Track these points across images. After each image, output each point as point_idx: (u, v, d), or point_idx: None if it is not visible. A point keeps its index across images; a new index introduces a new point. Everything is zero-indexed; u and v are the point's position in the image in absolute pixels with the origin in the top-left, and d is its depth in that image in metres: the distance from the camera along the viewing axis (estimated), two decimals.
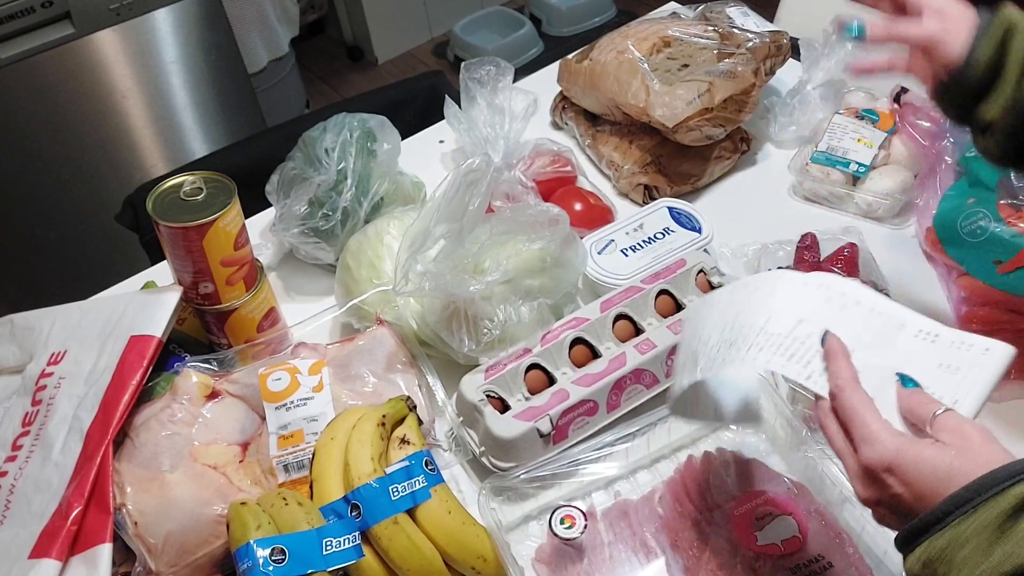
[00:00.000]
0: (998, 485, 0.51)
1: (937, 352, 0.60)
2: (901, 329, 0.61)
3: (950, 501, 0.52)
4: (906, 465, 0.54)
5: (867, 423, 0.56)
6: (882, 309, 0.62)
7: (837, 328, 0.61)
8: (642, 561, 0.82)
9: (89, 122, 1.92)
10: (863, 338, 0.60)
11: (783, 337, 0.61)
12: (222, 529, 0.80)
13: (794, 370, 0.59)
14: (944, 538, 0.51)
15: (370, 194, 1.10)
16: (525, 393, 0.91)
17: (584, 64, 1.27)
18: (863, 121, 1.20)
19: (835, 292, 0.63)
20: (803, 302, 0.63)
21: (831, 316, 0.61)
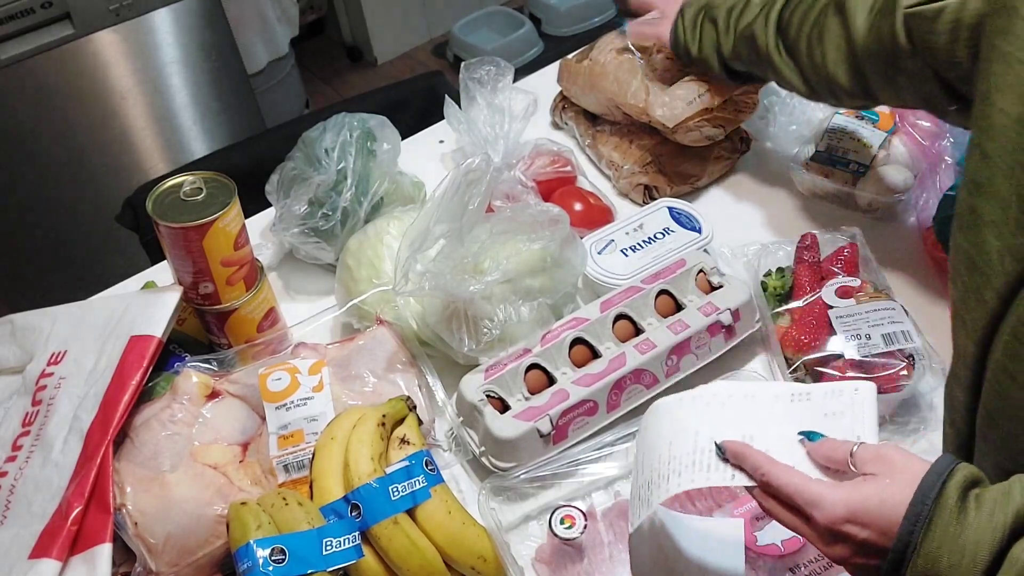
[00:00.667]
0: (933, 488, 0.53)
1: (817, 407, 0.64)
2: (777, 401, 0.65)
3: (906, 524, 0.53)
4: (858, 508, 0.55)
5: (806, 489, 0.58)
6: (753, 392, 0.67)
7: (726, 426, 0.64)
8: None
9: (89, 122, 1.92)
10: (752, 425, 0.64)
11: (691, 454, 0.64)
12: (222, 529, 0.80)
13: (717, 477, 0.62)
14: (921, 559, 0.53)
15: (370, 194, 1.10)
16: (525, 393, 0.91)
17: (584, 64, 1.27)
18: (863, 121, 1.20)
19: (708, 396, 0.67)
20: (690, 417, 0.66)
21: (716, 418, 0.65)
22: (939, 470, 0.55)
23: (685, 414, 0.67)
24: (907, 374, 0.89)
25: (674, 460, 0.65)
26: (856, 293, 0.96)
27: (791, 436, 0.63)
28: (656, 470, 0.66)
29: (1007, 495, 0.53)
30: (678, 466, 0.64)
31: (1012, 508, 0.52)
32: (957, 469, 0.55)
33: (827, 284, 0.98)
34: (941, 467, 0.55)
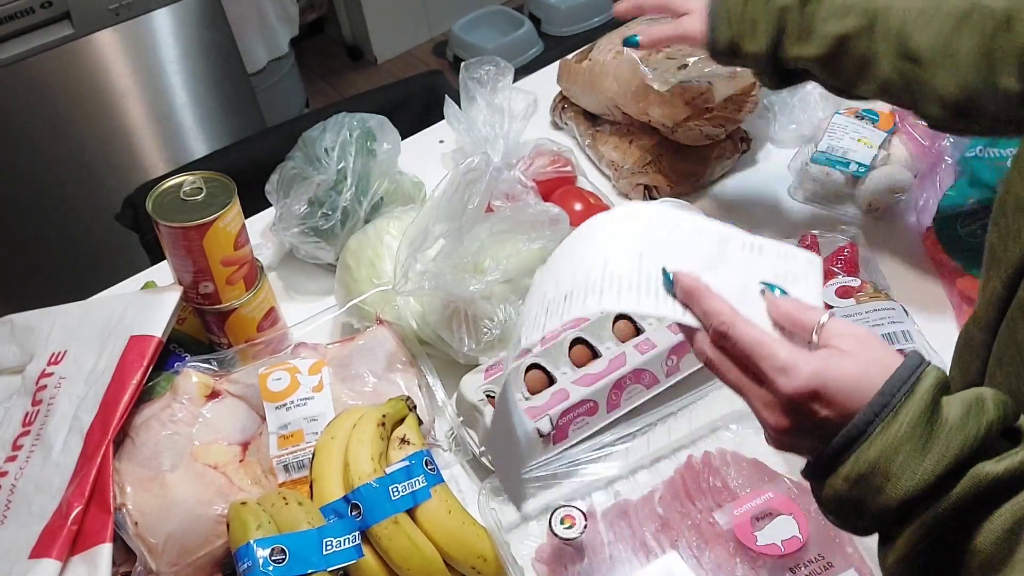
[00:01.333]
0: (906, 383, 0.50)
1: (768, 264, 0.59)
2: (727, 244, 0.59)
3: (869, 409, 0.50)
4: (830, 385, 0.51)
5: (776, 353, 0.53)
6: (701, 227, 0.60)
7: (674, 255, 0.58)
8: (642, 561, 0.82)
9: (89, 122, 1.92)
10: (700, 259, 0.58)
11: (635, 276, 0.57)
12: (222, 529, 0.80)
13: (666, 309, 0.56)
14: (874, 448, 0.50)
15: (370, 194, 1.10)
16: (525, 393, 0.91)
17: (584, 64, 1.27)
18: (863, 121, 1.20)
19: (653, 217, 0.61)
20: (631, 238, 0.60)
21: (662, 243, 0.59)
22: (912, 364, 0.51)
23: (625, 234, 0.60)
24: None
25: (613, 278, 0.57)
26: (856, 293, 0.96)
27: (742, 283, 0.57)
28: (583, 283, 0.58)
29: (980, 403, 0.50)
30: (617, 284, 0.57)
31: (985, 420, 0.49)
32: (929, 369, 0.51)
33: (827, 284, 0.98)
34: (913, 362, 0.51)
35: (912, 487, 0.49)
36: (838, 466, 0.51)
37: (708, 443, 0.91)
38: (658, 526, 0.84)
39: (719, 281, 0.57)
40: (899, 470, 0.49)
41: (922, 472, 0.49)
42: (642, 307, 0.56)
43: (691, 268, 0.57)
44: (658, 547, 0.82)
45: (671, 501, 0.85)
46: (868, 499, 0.51)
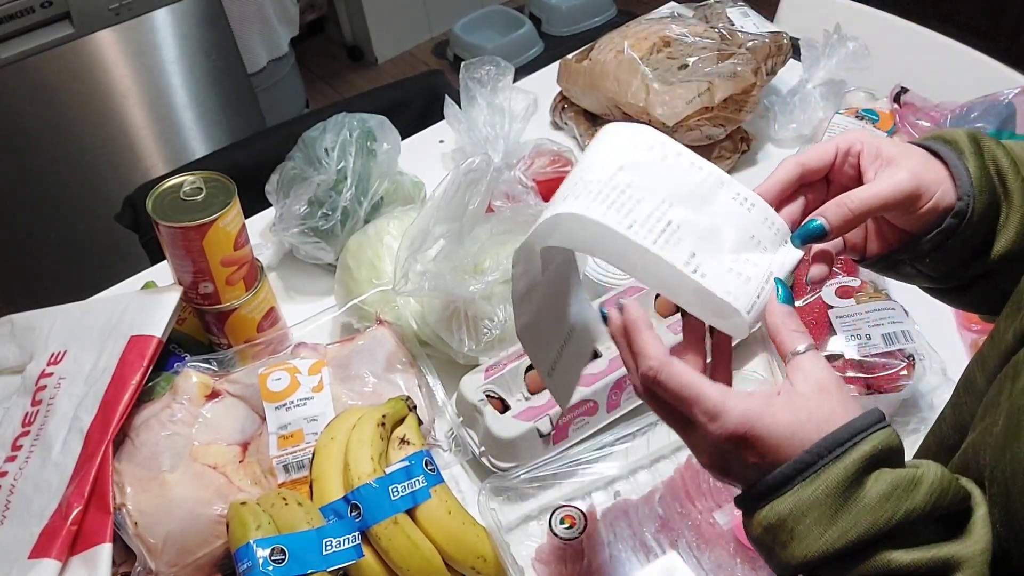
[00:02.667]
0: (839, 447, 0.48)
1: (751, 223, 0.56)
2: (721, 187, 0.56)
3: (793, 465, 0.48)
4: (759, 432, 0.49)
5: (705, 398, 0.50)
6: (702, 164, 0.57)
7: (659, 179, 0.55)
8: (642, 561, 0.82)
9: (89, 122, 1.92)
10: (682, 190, 0.55)
11: (601, 184, 0.54)
12: (222, 529, 0.80)
13: (613, 218, 0.53)
14: (786, 503, 0.48)
15: (370, 194, 1.10)
16: (525, 393, 0.91)
17: (584, 64, 1.27)
18: (863, 121, 1.20)
19: (655, 141, 0.57)
20: (622, 150, 0.56)
21: (653, 165, 0.55)
22: (855, 429, 0.48)
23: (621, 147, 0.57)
24: (907, 374, 0.89)
25: (580, 183, 0.55)
26: (856, 293, 0.96)
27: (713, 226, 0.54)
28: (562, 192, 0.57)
29: (912, 486, 0.47)
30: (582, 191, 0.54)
31: (907, 505, 0.46)
32: (873, 436, 0.48)
33: (827, 284, 0.98)
34: (858, 426, 0.48)
35: (811, 552, 0.48)
36: (755, 509, 0.50)
37: None
38: (658, 526, 0.84)
39: (689, 217, 0.54)
40: (804, 532, 0.48)
41: (823, 541, 0.47)
42: (589, 212, 0.53)
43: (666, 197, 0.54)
44: (658, 547, 0.82)
45: (671, 501, 0.85)
46: (775, 550, 0.50)
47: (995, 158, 0.58)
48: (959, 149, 0.58)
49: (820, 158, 0.58)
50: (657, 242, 0.52)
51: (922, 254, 0.59)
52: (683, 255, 0.53)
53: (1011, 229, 0.57)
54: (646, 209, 0.53)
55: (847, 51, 1.25)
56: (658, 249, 0.52)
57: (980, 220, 0.56)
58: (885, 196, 0.55)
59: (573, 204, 0.54)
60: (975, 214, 0.56)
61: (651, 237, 0.52)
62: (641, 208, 0.53)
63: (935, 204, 0.56)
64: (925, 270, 0.60)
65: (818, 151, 0.58)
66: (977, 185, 0.56)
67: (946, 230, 0.56)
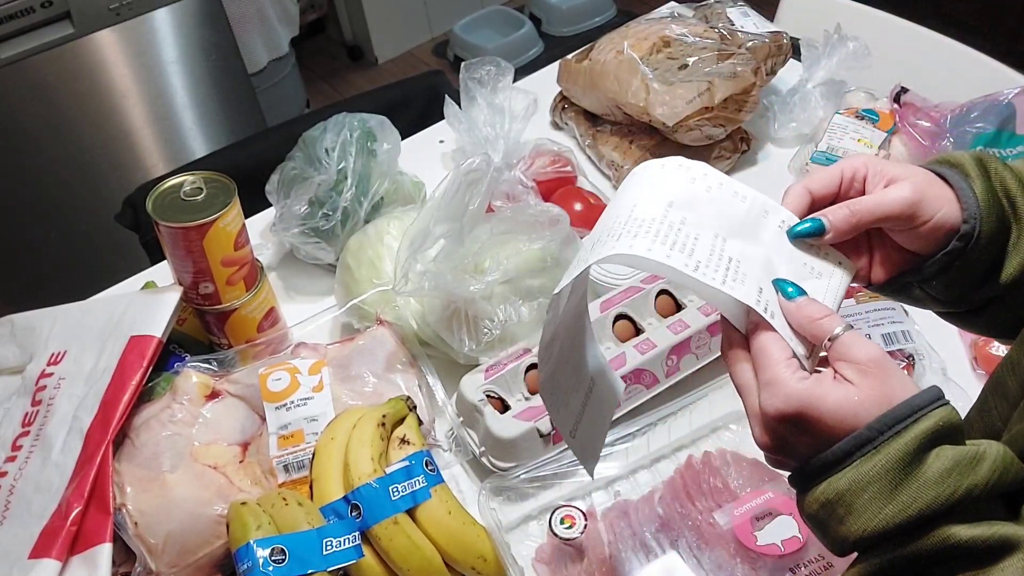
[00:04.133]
0: (900, 423, 0.47)
1: (801, 250, 0.56)
2: (766, 216, 0.56)
3: (852, 441, 0.48)
4: (809, 413, 0.49)
5: (772, 364, 0.51)
6: (745, 193, 0.57)
7: (706, 212, 0.55)
8: (642, 561, 0.82)
9: (89, 122, 1.92)
10: (732, 223, 0.55)
11: (656, 222, 0.53)
12: (222, 529, 0.80)
13: (679, 259, 0.52)
14: (845, 479, 0.48)
15: (370, 194, 1.10)
16: (525, 393, 0.91)
17: (584, 64, 1.27)
18: (863, 121, 1.20)
19: (697, 172, 0.57)
20: (668, 185, 0.56)
21: (699, 198, 0.55)
22: (915, 406, 0.48)
23: (664, 181, 0.57)
24: (907, 374, 0.89)
25: (632, 222, 0.54)
26: (856, 293, 0.96)
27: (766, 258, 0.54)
28: (609, 229, 0.55)
29: (974, 462, 0.47)
30: (635, 228, 0.53)
31: (969, 481, 0.46)
32: (934, 412, 0.48)
33: None
34: (918, 403, 0.48)
35: (870, 527, 0.48)
36: (812, 486, 0.50)
37: (708, 443, 0.91)
38: (658, 526, 0.84)
39: (744, 251, 0.54)
40: (862, 507, 0.48)
41: (882, 516, 0.47)
42: (652, 253, 0.52)
43: (716, 232, 0.54)
44: (658, 547, 0.82)
45: (671, 501, 0.85)
46: (831, 526, 0.50)
47: (1003, 180, 0.58)
48: (965, 172, 0.58)
49: (827, 183, 0.58)
50: (726, 282, 0.52)
51: (929, 276, 0.59)
52: (752, 293, 0.53)
53: (1021, 251, 0.57)
54: (705, 246, 0.53)
55: (847, 51, 1.25)
56: (728, 289, 0.52)
57: (989, 242, 0.56)
58: (887, 205, 0.55)
59: (633, 244, 0.53)
60: (983, 236, 0.56)
61: (719, 277, 0.52)
62: (701, 246, 0.53)
63: (939, 223, 0.56)
64: (935, 293, 0.60)
65: (824, 176, 0.58)
66: (984, 207, 0.56)
67: (952, 252, 0.56)
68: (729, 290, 0.52)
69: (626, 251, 0.52)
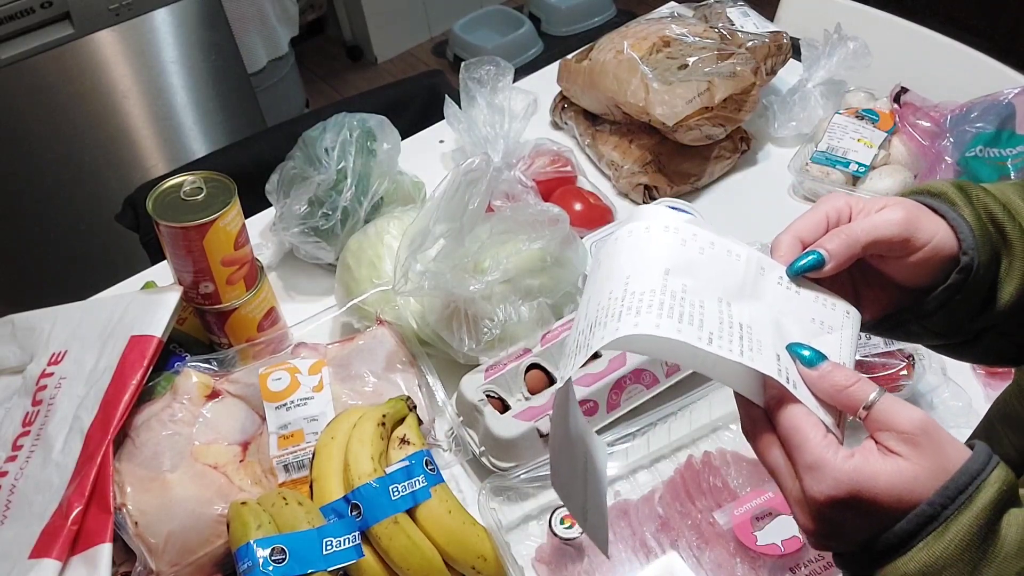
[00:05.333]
0: (962, 493, 0.44)
1: (806, 306, 0.52)
2: (763, 274, 0.53)
3: (915, 520, 0.44)
4: (863, 494, 0.45)
5: (806, 447, 0.47)
6: (738, 251, 0.53)
7: (705, 276, 0.51)
8: (642, 561, 0.82)
9: (89, 122, 1.92)
10: (732, 285, 0.51)
11: (657, 294, 0.49)
12: (222, 529, 0.80)
13: (691, 333, 0.47)
14: (915, 562, 0.45)
15: (370, 194, 1.10)
16: (525, 393, 0.91)
17: (584, 64, 1.27)
18: (863, 121, 1.20)
19: (686, 233, 0.53)
20: (659, 250, 0.52)
21: (695, 262, 0.51)
22: (973, 470, 0.44)
23: (654, 247, 0.52)
24: (907, 374, 0.89)
25: (632, 296, 0.49)
26: None
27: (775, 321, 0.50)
28: (606, 308, 0.50)
29: None
30: (636, 303, 0.49)
31: None
32: (993, 476, 0.44)
33: None
34: (976, 466, 0.45)
35: None
36: (875, 570, 0.46)
37: (708, 443, 0.91)
38: (658, 526, 0.84)
39: (751, 314, 0.50)
40: None
41: None
42: (662, 330, 0.47)
43: (722, 295, 0.50)
44: (658, 547, 0.82)
45: (671, 501, 0.85)
46: None
47: (986, 207, 0.56)
48: (951, 201, 0.56)
49: (813, 229, 0.56)
50: (745, 353, 0.48)
51: (929, 311, 0.56)
52: (772, 362, 0.48)
53: (1015, 278, 0.55)
54: (713, 315, 0.49)
55: (847, 51, 1.25)
56: (748, 361, 0.48)
57: (985, 272, 0.55)
58: (881, 227, 0.53)
59: (639, 322, 0.48)
60: (980, 267, 0.54)
61: (736, 348, 0.48)
62: (709, 315, 0.49)
63: (936, 249, 0.54)
64: (932, 327, 0.58)
65: (810, 223, 0.56)
66: (978, 237, 0.54)
67: (953, 286, 0.54)
68: (749, 362, 0.47)
69: (632, 331, 0.48)
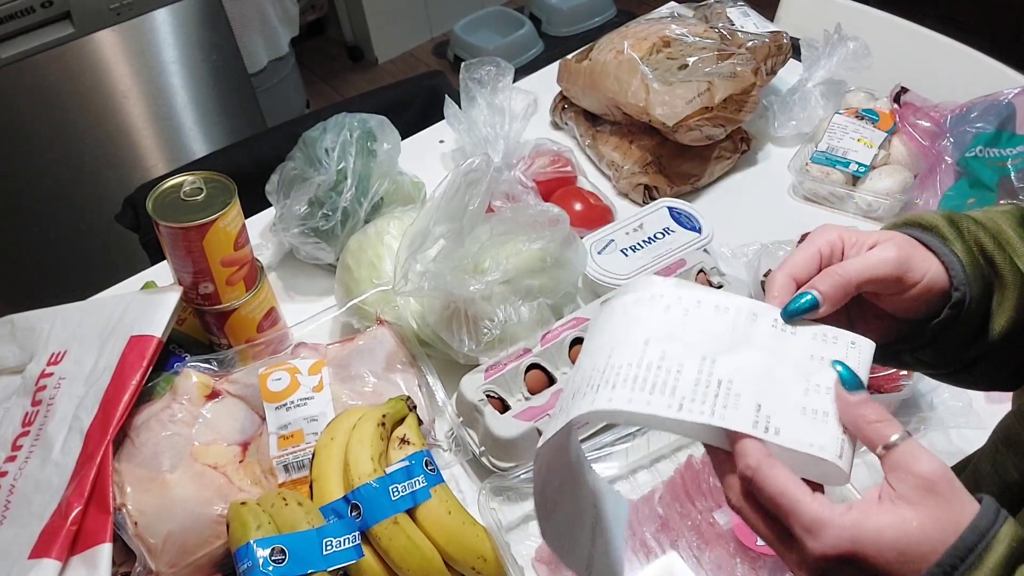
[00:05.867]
0: (971, 553, 0.43)
1: (803, 345, 0.51)
2: (755, 320, 0.52)
3: None
4: (867, 548, 0.44)
5: (801, 509, 0.45)
6: (727, 304, 0.53)
7: (690, 338, 0.51)
8: (642, 561, 0.82)
9: (89, 122, 1.92)
10: (719, 341, 0.51)
11: (633, 366, 0.50)
12: (222, 529, 0.80)
13: (660, 403, 0.48)
14: None
15: (370, 194, 1.10)
16: (525, 393, 0.91)
17: (584, 64, 1.27)
18: (863, 121, 1.20)
19: (671, 298, 0.53)
20: (642, 321, 0.53)
21: (676, 326, 0.52)
22: (982, 527, 0.44)
23: (639, 316, 0.53)
24: (907, 374, 0.89)
25: (609, 369, 0.50)
26: None
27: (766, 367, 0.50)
28: (587, 378, 0.52)
29: None
30: (613, 377, 0.50)
31: None
32: (1001, 532, 0.43)
33: None
34: (984, 523, 0.44)
35: None
36: None
37: None
38: (658, 526, 0.84)
39: (738, 365, 0.50)
40: None
41: None
42: (633, 404, 0.48)
43: (706, 353, 0.50)
44: (658, 547, 0.82)
45: (671, 501, 0.85)
46: None
47: (977, 239, 0.56)
48: (942, 235, 0.56)
49: (806, 266, 0.55)
50: (716, 412, 0.48)
51: (923, 344, 0.57)
52: (748, 415, 0.48)
53: (1007, 309, 0.56)
54: (690, 378, 0.49)
55: (847, 51, 1.25)
56: (719, 420, 0.48)
57: (977, 304, 0.55)
58: (874, 266, 0.53)
59: (612, 396, 0.49)
60: (972, 301, 0.54)
61: (707, 409, 0.48)
62: (684, 379, 0.49)
63: (929, 284, 0.54)
64: (924, 358, 0.58)
65: (802, 260, 0.55)
66: (969, 271, 0.54)
67: (945, 321, 0.55)
68: (719, 420, 0.47)
69: (605, 406, 0.49)
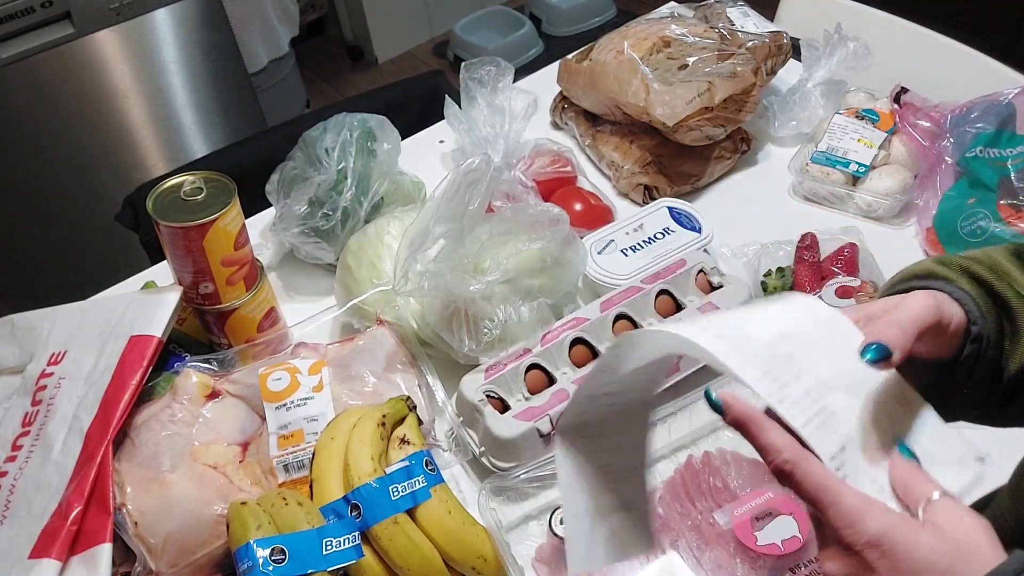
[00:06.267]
0: None
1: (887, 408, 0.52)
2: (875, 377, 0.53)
3: None
4: (897, 547, 0.45)
5: (841, 502, 0.47)
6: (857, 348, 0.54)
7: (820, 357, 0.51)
8: (642, 561, 0.82)
9: (89, 122, 1.92)
10: (847, 377, 0.51)
11: (760, 346, 0.50)
12: (222, 529, 0.80)
13: (765, 387, 0.49)
14: None
15: (370, 194, 1.10)
16: (525, 393, 0.91)
17: (584, 64, 1.27)
18: (863, 121, 1.20)
19: (830, 320, 0.54)
20: (792, 316, 0.54)
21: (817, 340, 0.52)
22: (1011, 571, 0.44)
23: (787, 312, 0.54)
24: None
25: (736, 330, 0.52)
26: (856, 293, 0.96)
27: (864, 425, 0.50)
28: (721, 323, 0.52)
29: None
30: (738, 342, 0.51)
31: None
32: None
33: (827, 284, 0.98)
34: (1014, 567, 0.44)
35: None
36: None
37: (708, 443, 0.91)
38: (658, 526, 0.83)
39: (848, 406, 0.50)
40: None
41: None
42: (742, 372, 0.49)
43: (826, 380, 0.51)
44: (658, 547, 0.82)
45: (671, 501, 0.85)
46: None
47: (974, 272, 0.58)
48: (943, 277, 0.58)
49: None
50: (808, 425, 0.48)
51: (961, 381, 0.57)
52: (832, 447, 0.49)
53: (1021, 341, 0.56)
54: (802, 387, 0.50)
55: (847, 51, 1.25)
56: (807, 434, 0.48)
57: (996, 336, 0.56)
58: (919, 314, 0.53)
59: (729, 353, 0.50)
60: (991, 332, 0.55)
61: (801, 418, 0.49)
62: (797, 386, 0.50)
63: (960, 322, 0.55)
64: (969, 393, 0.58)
65: None
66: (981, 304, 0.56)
67: (972, 354, 0.55)
68: (808, 434, 0.48)
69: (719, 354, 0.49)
